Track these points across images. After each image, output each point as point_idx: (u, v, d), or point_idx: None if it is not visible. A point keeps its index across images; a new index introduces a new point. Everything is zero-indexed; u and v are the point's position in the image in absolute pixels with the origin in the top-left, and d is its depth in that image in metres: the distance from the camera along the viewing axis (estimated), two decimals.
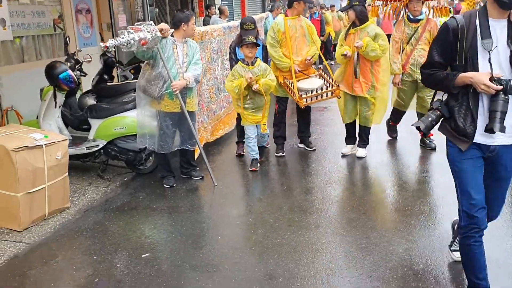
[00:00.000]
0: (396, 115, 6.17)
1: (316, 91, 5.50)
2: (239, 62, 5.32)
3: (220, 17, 11.12)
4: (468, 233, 2.71)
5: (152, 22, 4.68)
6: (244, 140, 5.83)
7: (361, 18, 5.29)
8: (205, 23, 11.10)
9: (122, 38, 4.37)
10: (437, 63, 2.71)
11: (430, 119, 2.75)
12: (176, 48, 4.89)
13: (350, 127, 5.79)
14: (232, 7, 16.40)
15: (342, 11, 5.96)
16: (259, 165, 5.49)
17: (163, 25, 4.79)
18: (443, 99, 2.79)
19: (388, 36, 5.58)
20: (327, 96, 5.58)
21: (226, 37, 6.96)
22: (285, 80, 5.56)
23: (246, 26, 5.48)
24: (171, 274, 3.35)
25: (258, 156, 5.49)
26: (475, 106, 2.59)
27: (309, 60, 5.60)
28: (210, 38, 6.33)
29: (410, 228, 3.87)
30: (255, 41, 5.20)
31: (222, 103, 6.71)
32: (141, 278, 3.31)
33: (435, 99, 2.83)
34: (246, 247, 3.67)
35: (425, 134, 3.11)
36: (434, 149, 5.75)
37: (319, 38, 13.66)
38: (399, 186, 4.80)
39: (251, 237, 3.84)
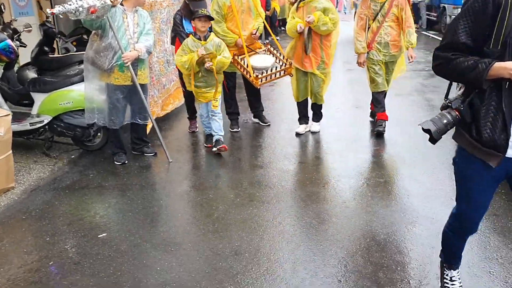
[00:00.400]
0: (376, 100, 5.54)
1: (271, 70, 5.30)
2: (191, 35, 4.91)
3: None
4: (455, 229, 2.52)
5: None
6: (195, 116, 5.69)
7: None
8: None
9: (70, 5, 4.08)
10: (462, 44, 1.99)
11: (445, 121, 2.09)
12: (126, 18, 4.64)
13: (302, 107, 5.66)
14: None
15: None
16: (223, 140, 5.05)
17: None
18: (463, 96, 2.12)
19: None
20: (280, 75, 5.41)
21: (175, 7, 6.68)
22: (235, 57, 5.34)
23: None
24: (131, 254, 3.21)
25: (211, 132, 5.17)
26: (509, 108, 1.97)
27: (255, 34, 5.44)
28: (159, 8, 6.07)
29: (368, 199, 3.92)
30: (208, 13, 4.84)
31: (171, 77, 6.49)
32: (99, 259, 3.15)
33: (451, 95, 2.19)
34: (209, 224, 3.58)
35: (434, 140, 2.12)
36: (381, 134, 5.45)
37: (265, 12, 13.67)
38: (354, 160, 4.84)
39: (213, 214, 3.74)
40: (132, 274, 2.98)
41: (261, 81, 5.27)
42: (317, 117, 5.72)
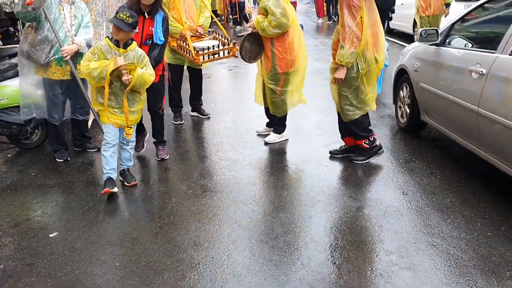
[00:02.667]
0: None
1: (213, 48, 4.98)
2: (106, 39, 3.82)
3: None
4: None
5: None
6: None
7: None
8: None
9: None
10: None
11: None
12: (63, 10, 4.48)
13: (266, 110, 5.22)
14: None
15: None
16: (115, 188, 3.94)
17: None
18: None
19: None
20: (224, 54, 5.08)
21: None
22: (179, 41, 5.20)
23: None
24: (87, 251, 3.15)
25: (114, 174, 3.99)
26: None
27: (200, 32, 5.31)
28: None
29: (321, 184, 4.06)
30: (130, 20, 3.69)
31: None
32: (54, 259, 3.07)
33: None
34: (164, 217, 3.57)
35: None
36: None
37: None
38: (305, 146, 4.99)
39: (167, 207, 3.74)
40: (90, 271, 2.93)
41: (203, 58, 4.93)
42: (275, 129, 5.13)
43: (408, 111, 5.12)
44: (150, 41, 4.18)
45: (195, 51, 4.86)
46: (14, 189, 4.16)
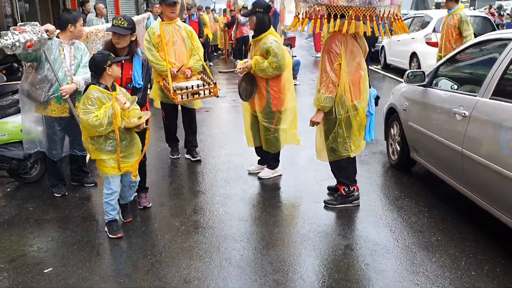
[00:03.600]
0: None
1: (192, 88, 5.03)
2: (94, 86, 3.69)
3: (96, 15, 10.66)
4: None
5: (37, 23, 4.39)
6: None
7: (259, 28, 4.79)
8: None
9: (6, 40, 4.07)
10: None
11: None
12: (63, 50, 4.66)
13: (257, 149, 5.32)
14: (106, 6, 15.77)
15: (244, 16, 5.17)
16: (121, 231, 3.99)
17: (49, 26, 4.54)
18: None
19: None
20: (204, 94, 5.14)
21: (108, 38, 6.74)
22: (163, 81, 5.26)
23: (116, 22, 4.02)
24: (81, 287, 3.23)
25: (117, 217, 4.06)
26: None
27: (189, 76, 5.30)
28: (95, 39, 6.10)
29: (313, 222, 4.16)
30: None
31: None
32: None
33: None
34: (156, 253, 3.66)
35: None
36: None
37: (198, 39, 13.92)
38: (292, 184, 5.10)
39: (159, 243, 3.83)
40: None
41: (181, 97, 5.01)
42: (269, 165, 5.24)
43: (398, 148, 5.25)
44: (131, 85, 4.19)
45: (173, 90, 4.97)
46: (12, 223, 4.25)
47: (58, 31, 4.69)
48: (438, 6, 24.61)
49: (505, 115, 3.37)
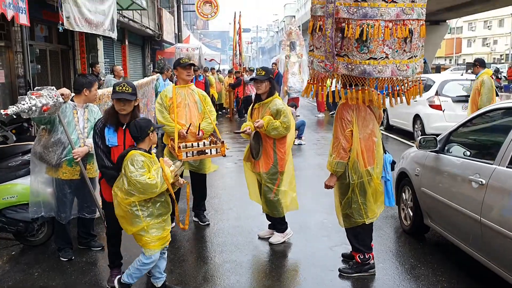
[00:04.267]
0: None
1: (198, 145, 5.05)
2: (134, 151, 3.69)
3: (114, 77, 10.87)
4: None
5: (53, 87, 4.44)
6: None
7: (270, 92, 4.97)
8: None
9: (23, 104, 4.10)
10: None
11: None
12: (77, 113, 4.71)
13: (267, 213, 5.21)
14: (114, 66, 16.18)
15: (257, 81, 4.97)
16: None
17: (64, 90, 4.60)
18: None
19: None
20: (211, 153, 5.14)
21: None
22: (171, 142, 5.23)
23: (119, 88, 3.93)
24: None
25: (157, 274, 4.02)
26: None
27: (199, 135, 5.27)
28: (107, 101, 6.19)
29: None
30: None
31: None
32: None
33: None
34: None
35: None
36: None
37: None
38: (304, 250, 4.99)
39: None
40: None
41: (186, 155, 4.97)
42: (275, 227, 5.19)
43: (411, 214, 5.17)
44: None
45: (178, 147, 4.96)
46: None
47: (73, 94, 4.76)
48: (438, 69, 25.20)
49: None
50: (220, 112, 18.60)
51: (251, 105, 5.28)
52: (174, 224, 5.62)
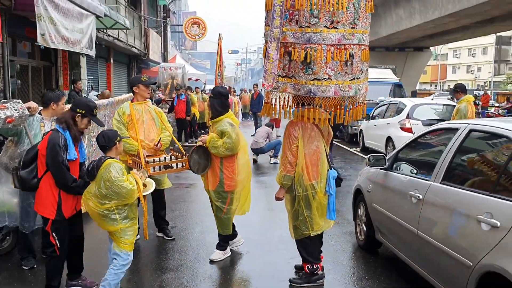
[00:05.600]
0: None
1: (165, 160, 5.11)
2: (111, 160, 3.91)
3: (97, 95, 11.10)
4: None
5: (20, 101, 4.62)
6: None
7: (213, 111, 5.10)
8: (71, 96, 10.98)
9: None
10: None
11: None
12: (44, 126, 4.89)
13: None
14: (98, 83, 16.40)
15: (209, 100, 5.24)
16: None
17: (31, 104, 4.77)
18: None
19: None
20: (177, 166, 5.20)
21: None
22: (133, 157, 5.29)
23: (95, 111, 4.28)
24: None
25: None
26: None
27: (157, 146, 5.44)
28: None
29: None
30: None
31: None
32: None
33: None
34: None
35: None
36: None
37: (186, 118, 14.44)
38: (261, 263, 5.16)
39: None
40: None
41: (153, 169, 5.04)
42: (219, 245, 5.25)
43: (365, 229, 5.39)
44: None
45: (145, 162, 5.00)
46: None
47: (40, 108, 4.95)
48: (414, 94, 25.78)
49: (452, 198, 3.59)
50: (202, 131, 18.82)
51: None
52: (138, 236, 5.79)
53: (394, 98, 13.67)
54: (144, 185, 4.19)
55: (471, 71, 69.57)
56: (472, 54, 69.22)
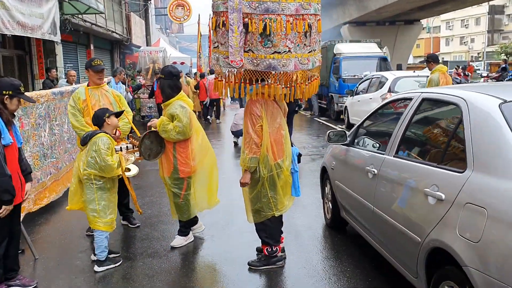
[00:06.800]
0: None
1: (121, 150, 4.74)
2: (103, 134, 4.36)
3: (67, 81, 10.83)
4: None
5: None
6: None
7: (163, 93, 4.77)
8: (45, 85, 10.72)
9: None
10: None
11: None
12: None
13: None
14: (78, 70, 16.06)
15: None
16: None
17: None
18: None
19: None
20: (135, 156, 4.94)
21: (56, 102, 6.83)
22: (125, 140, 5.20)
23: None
24: None
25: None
26: None
27: (116, 134, 5.09)
28: (36, 103, 6.13)
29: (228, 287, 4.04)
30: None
31: (48, 170, 6.43)
32: None
33: None
34: None
35: None
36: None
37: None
38: (223, 246, 5.01)
39: None
40: None
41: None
42: (180, 230, 5.07)
43: (331, 207, 5.22)
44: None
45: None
46: None
47: None
48: (399, 67, 25.46)
49: (404, 172, 3.41)
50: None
51: None
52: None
53: (376, 73, 13.39)
54: (128, 169, 4.75)
55: (464, 42, 69.04)
56: (465, 25, 68.62)
